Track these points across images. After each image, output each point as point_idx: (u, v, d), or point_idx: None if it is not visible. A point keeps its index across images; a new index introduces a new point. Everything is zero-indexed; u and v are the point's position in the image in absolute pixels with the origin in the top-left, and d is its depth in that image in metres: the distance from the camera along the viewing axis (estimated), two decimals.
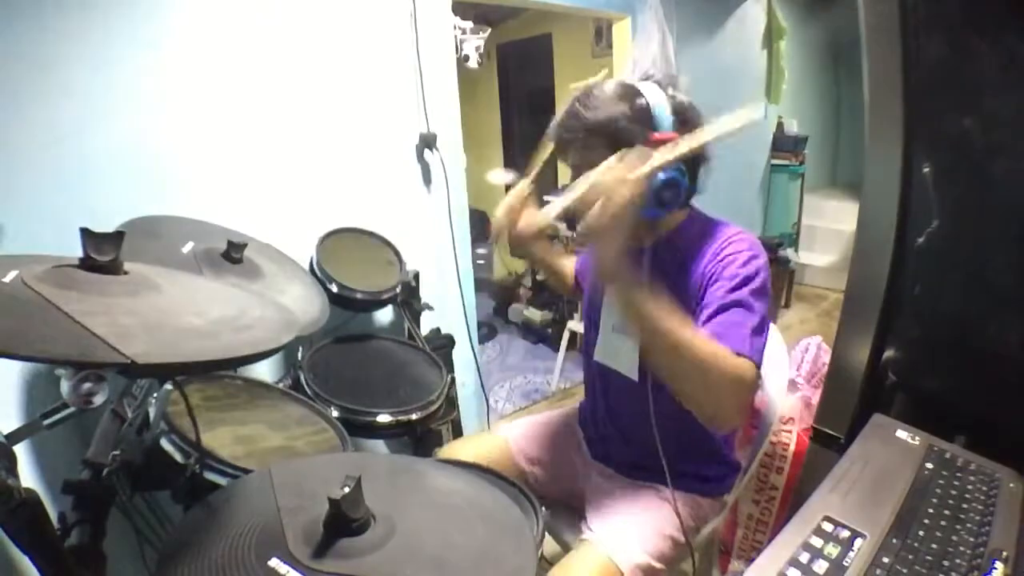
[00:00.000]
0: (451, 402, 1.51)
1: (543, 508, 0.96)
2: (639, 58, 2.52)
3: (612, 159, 0.79)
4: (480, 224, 4.24)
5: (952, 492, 0.72)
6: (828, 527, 0.65)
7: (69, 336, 0.51)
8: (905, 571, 0.60)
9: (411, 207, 1.85)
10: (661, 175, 0.83)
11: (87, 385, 0.55)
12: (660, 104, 0.87)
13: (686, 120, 0.88)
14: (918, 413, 0.89)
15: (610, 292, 0.76)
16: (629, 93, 0.88)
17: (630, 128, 0.85)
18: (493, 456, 1.14)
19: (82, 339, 0.50)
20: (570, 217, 1.02)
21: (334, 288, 1.41)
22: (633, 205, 0.75)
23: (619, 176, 0.76)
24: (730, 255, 0.87)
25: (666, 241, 0.95)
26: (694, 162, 0.90)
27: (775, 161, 3.68)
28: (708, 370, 0.77)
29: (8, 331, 0.49)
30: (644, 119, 0.86)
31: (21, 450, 0.64)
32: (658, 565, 0.95)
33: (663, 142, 0.83)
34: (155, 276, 0.68)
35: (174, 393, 0.94)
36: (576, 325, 2.71)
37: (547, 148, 1.03)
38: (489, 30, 1.93)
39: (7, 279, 0.57)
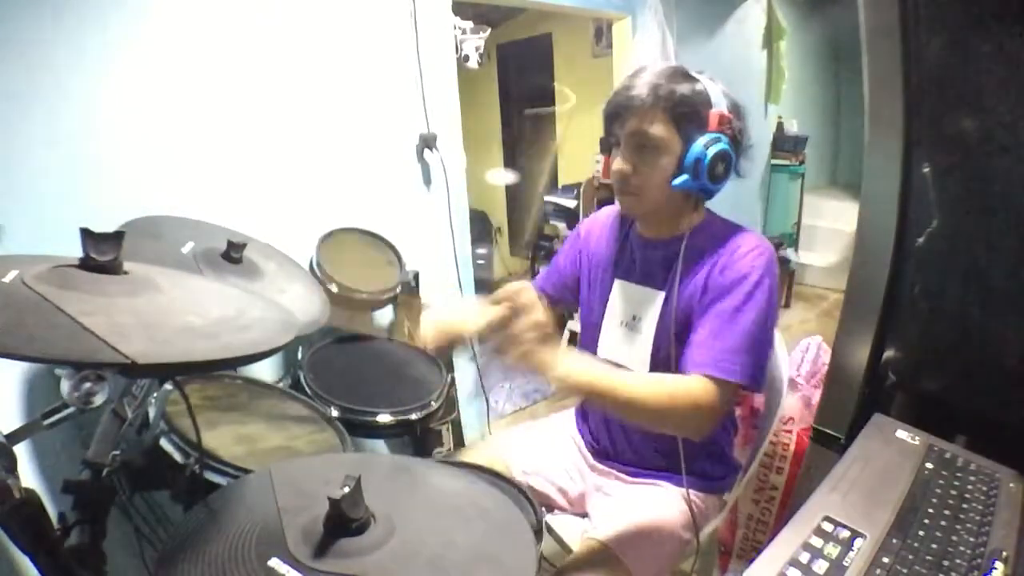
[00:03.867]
0: (451, 402, 1.51)
1: (543, 508, 0.96)
2: (639, 58, 2.52)
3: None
4: (480, 224, 4.26)
5: (952, 492, 0.72)
6: (828, 527, 0.65)
7: (69, 336, 0.51)
8: (905, 571, 0.60)
9: (411, 207, 1.85)
10: (714, 147, 0.87)
11: (87, 385, 0.55)
12: (715, 90, 0.90)
13: (736, 109, 0.93)
14: (918, 413, 0.89)
15: (545, 378, 0.77)
16: (689, 75, 0.91)
17: (692, 100, 0.88)
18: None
19: (82, 339, 0.50)
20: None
21: (334, 288, 1.41)
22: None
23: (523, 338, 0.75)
24: (741, 269, 0.89)
25: (688, 238, 0.95)
26: (739, 146, 0.93)
27: (775, 161, 3.69)
28: (664, 413, 0.82)
29: (8, 331, 0.49)
30: (703, 96, 0.89)
31: (21, 450, 0.64)
32: (663, 562, 0.95)
33: (721, 117, 0.88)
34: (155, 276, 0.68)
35: (174, 393, 0.95)
36: (576, 325, 2.71)
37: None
38: (489, 30, 1.93)
39: (7, 279, 0.57)
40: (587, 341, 1.12)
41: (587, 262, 1.13)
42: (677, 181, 0.90)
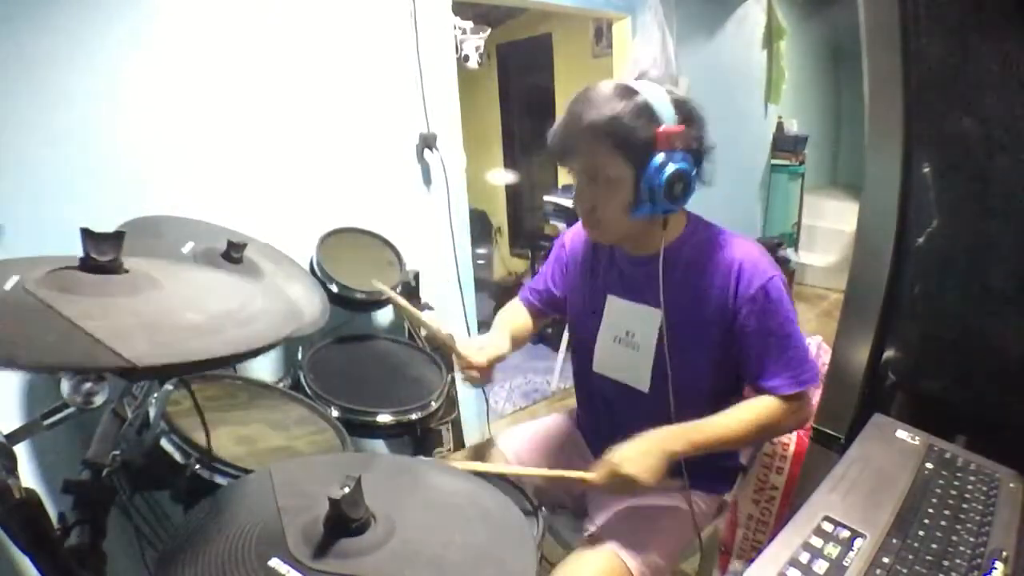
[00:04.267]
0: (451, 402, 1.51)
1: (543, 508, 0.96)
2: (639, 58, 2.52)
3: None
4: (480, 224, 4.26)
5: (952, 492, 0.72)
6: (828, 527, 0.65)
7: (70, 342, 0.50)
8: (905, 571, 0.60)
9: (411, 207, 1.85)
10: (667, 169, 0.84)
11: (87, 385, 0.55)
12: (660, 99, 0.86)
13: (688, 115, 0.88)
14: (918, 413, 0.89)
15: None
16: (627, 91, 0.87)
17: (634, 124, 0.85)
18: None
19: (83, 344, 0.50)
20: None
21: (334, 288, 1.41)
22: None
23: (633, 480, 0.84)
24: (758, 292, 0.91)
25: (670, 251, 0.95)
26: (698, 154, 0.90)
27: (775, 161, 3.68)
28: (759, 435, 0.98)
29: (9, 340, 0.49)
30: (646, 114, 0.85)
31: (21, 450, 0.64)
32: (663, 563, 0.95)
33: (670, 135, 0.84)
34: (155, 272, 0.68)
35: (174, 393, 0.95)
36: None
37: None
38: (489, 30, 1.93)
39: (7, 286, 0.57)
40: (580, 354, 1.12)
41: (573, 275, 1.12)
42: (637, 212, 0.89)
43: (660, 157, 0.84)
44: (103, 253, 0.62)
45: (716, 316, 0.94)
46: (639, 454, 0.85)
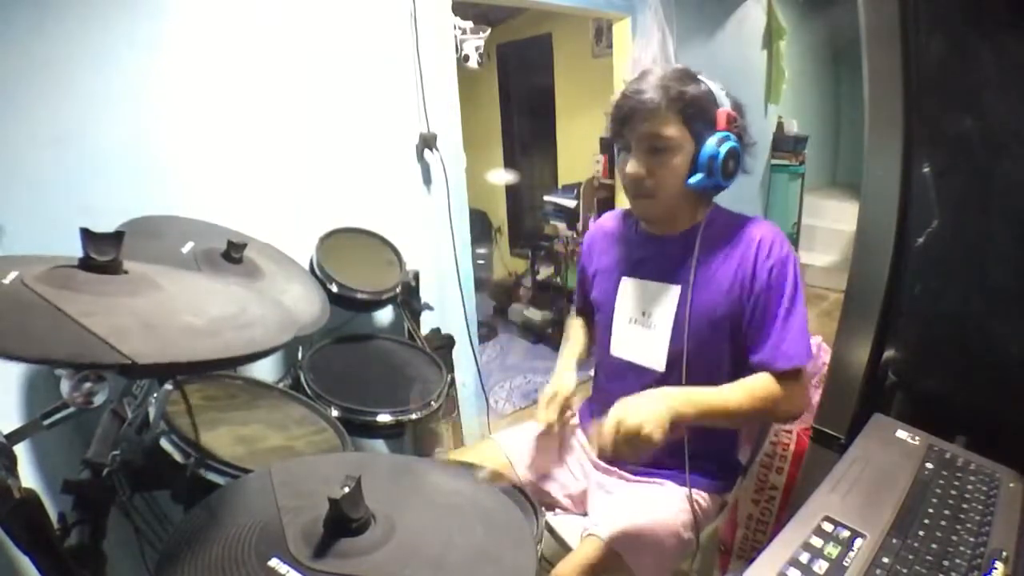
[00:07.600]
0: (451, 402, 1.51)
1: (543, 508, 0.96)
2: (639, 58, 2.52)
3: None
4: (480, 224, 4.26)
5: (952, 492, 0.72)
6: (828, 527, 0.65)
7: (69, 337, 0.51)
8: (905, 571, 0.60)
9: (411, 207, 1.85)
10: (725, 145, 0.91)
11: (87, 385, 0.55)
12: (718, 89, 0.95)
13: (739, 109, 0.97)
14: (918, 413, 0.89)
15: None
16: (693, 75, 0.95)
17: (700, 100, 0.92)
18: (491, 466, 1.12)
19: (82, 340, 0.50)
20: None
21: (334, 288, 1.41)
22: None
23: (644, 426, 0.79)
24: (775, 264, 0.94)
25: (693, 232, 0.99)
26: (744, 145, 0.97)
27: (775, 161, 3.68)
28: (757, 411, 0.92)
29: (8, 332, 0.49)
30: (710, 96, 0.93)
31: (21, 450, 0.64)
32: (664, 561, 0.95)
33: (729, 117, 0.93)
34: (155, 275, 0.68)
35: (174, 393, 0.95)
36: None
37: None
38: (489, 30, 1.93)
39: (7, 280, 0.57)
40: (600, 342, 1.14)
41: (596, 271, 1.15)
42: (693, 180, 0.93)
43: (721, 133, 0.92)
44: (103, 253, 0.62)
45: (735, 289, 0.96)
46: (645, 402, 0.82)
